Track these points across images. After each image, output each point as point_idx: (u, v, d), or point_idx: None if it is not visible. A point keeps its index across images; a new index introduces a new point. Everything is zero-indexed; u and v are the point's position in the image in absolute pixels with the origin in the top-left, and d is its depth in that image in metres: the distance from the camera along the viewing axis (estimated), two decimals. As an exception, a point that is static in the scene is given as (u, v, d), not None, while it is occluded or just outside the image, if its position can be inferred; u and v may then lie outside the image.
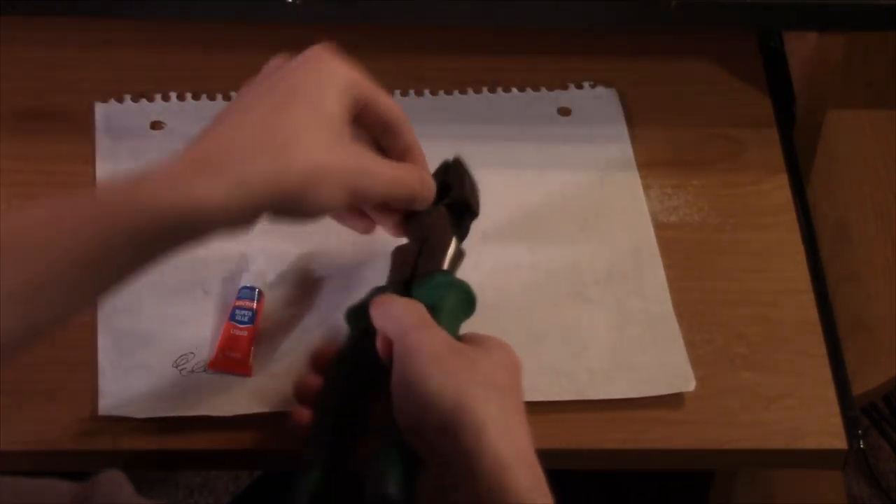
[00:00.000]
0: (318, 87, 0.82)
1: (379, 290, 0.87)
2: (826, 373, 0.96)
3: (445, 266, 0.87)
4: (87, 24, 1.11)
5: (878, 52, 1.10)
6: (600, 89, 1.11)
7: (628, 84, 1.10)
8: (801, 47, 1.10)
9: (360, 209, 0.92)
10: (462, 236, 0.90)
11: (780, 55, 1.14)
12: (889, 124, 1.25)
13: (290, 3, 1.05)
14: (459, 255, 0.89)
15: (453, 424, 0.74)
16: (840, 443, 0.93)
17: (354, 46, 1.12)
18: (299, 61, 0.85)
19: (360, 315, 0.86)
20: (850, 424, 0.93)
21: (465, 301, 0.85)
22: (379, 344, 0.82)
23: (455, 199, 0.91)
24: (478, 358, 0.78)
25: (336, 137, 0.82)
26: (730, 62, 1.13)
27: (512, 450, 0.74)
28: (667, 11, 1.04)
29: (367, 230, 0.93)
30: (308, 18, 1.06)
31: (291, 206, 0.80)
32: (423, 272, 0.87)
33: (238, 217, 0.79)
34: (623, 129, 1.08)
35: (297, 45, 1.12)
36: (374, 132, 0.87)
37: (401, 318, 0.80)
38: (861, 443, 0.93)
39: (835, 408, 0.93)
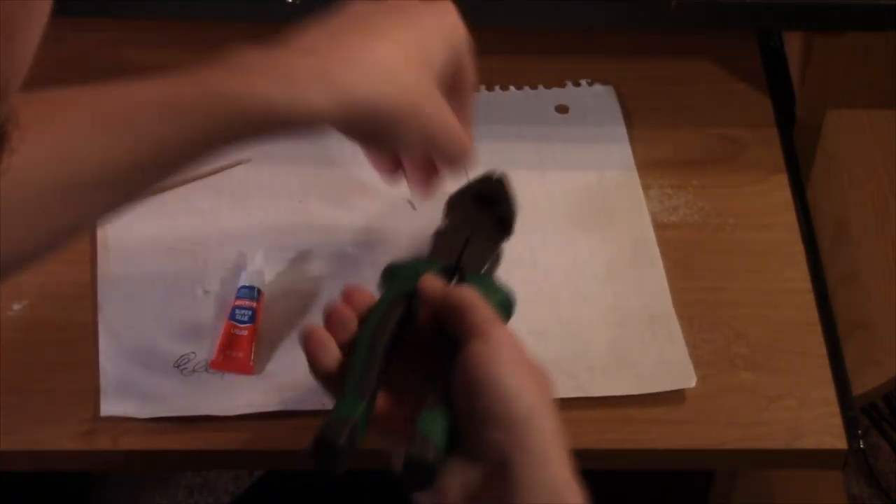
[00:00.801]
0: (435, 33, 0.86)
1: (426, 265, 0.88)
2: (826, 373, 0.96)
3: (488, 269, 0.91)
4: (87, 24, 1.11)
5: (878, 52, 1.10)
6: (598, 87, 1.11)
7: (628, 84, 1.10)
8: (801, 47, 1.10)
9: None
10: (500, 246, 0.94)
11: (780, 55, 1.14)
12: (889, 124, 1.25)
13: (290, 3, 1.05)
14: (497, 261, 0.93)
15: (524, 427, 0.75)
16: (840, 443, 0.93)
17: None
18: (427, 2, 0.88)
19: (401, 279, 0.87)
20: (850, 424, 0.93)
21: (508, 307, 0.87)
22: (423, 316, 0.83)
23: (502, 214, 0.94)
24: (539, 370, 0.79)
25: (433, 82, 0.85)
26: (730, 62, 1.13)
27: (566, 469, 0.76)
28: (667, 11, 1.04)
29: (391, 177, 0.94)
30: (308, 18, 1.06)
31: (381, 129, 0.84)
32: (469, 268, 0.89)
33: (335, 125, 0.82)
34: (621, 127, 1.08)
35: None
36: (446, 90, 0.89)
37: (482, 307, 0.80)
38: (861, 443, 0.93)
39: (835, 408, 0.93)
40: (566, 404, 0.93)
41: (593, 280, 0.99)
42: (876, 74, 1.12)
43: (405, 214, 1.02)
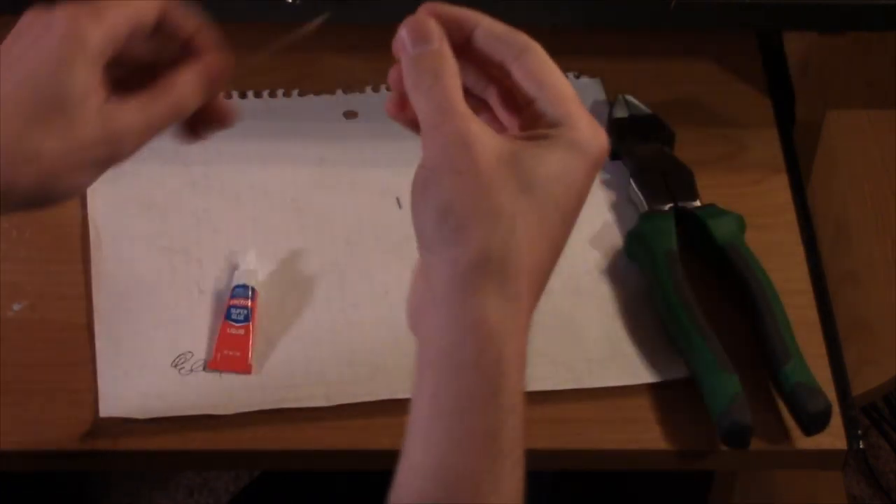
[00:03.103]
0: (45, 66, 0.74)
1: (659, 218, 1.00)
2: (826, 373, 0.96)
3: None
4: (86, 24, 1.11)
5: (878, 52, 1.10)
6: (585, 79, 1.11)
7: (627, 84, 1.10)
8: (801, 47, 1.10)
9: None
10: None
11: (780, 55, 1.14)
12: (889, 124, 1.25)
13: (290, 2, 1.05)
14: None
15: (447, 253, 0.66)
16: (840, 443, 0.93)
17: (354, 46, 1.13)
18: (21, 37, 0.76)
19: (652, 237, 0.98)
20: (850, 424, 0.93)
21: (742, 225, 0.99)
22: (391, 100, 0.71)
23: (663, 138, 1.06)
24: (526, 156, 0.67)
25: (70, 118, 0.73)
26: (730, 62, 1.13)
27: (497, 309, 0.65)
28: (666, 11, 1.04)
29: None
30: (308, 18, 1.06)
31: (32, 204, 0.75)
32: (686, 199, 1.01)
33: None
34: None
35: (297, 46, 1.12)
36: (156, 49, 0.78)
37: (433, 105, 0.67)
38: (861, 443, 0.93)
39: (835, 408, 0.93)
40: (566, 405, 0.93)
41: (586, 273, 0.99)
42: (876, 74, 1.12)
43: (394, 212, 1.02)
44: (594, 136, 0.67)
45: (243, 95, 1.09)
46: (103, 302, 0.97)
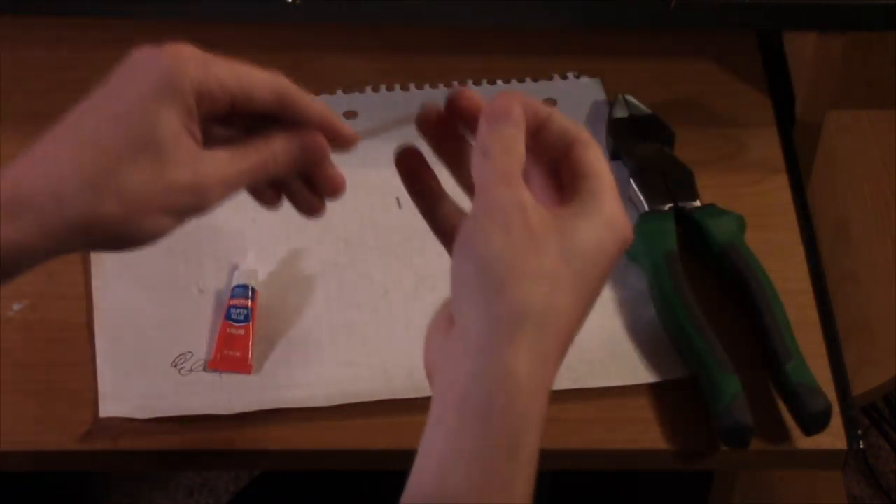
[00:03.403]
0: (142, 104, 0.75)
1: (660, 218, 1.00)
2: (826, 373, 0.96)
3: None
4: (87, 24, 1.11)
5: (878, 52, 1.10)
6: (584, 79, 1.11)
7: (627, 84, 1.10)
8: (801, 47, 1.10)
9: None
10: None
11: (780, 55, 1.14)
12: (889, 124, 1.25)
13: (290, 2, 1.05)
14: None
15: (487, 304, 0.68)
16: (840, 443, 0.93)
17: (354, 46, 1.13)
18: (125, 72, 0.78)
19: (653, 238, 0.98)
20: (850, 424, 0.93)
21: (742, 225, 0.99)
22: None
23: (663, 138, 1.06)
24: (567, 226, 0.71)
25: (161, 159, 0.75)
26: (730, 62, 1.13)
27: (527, 365, 0.68)
28: (666, 11, 1.04)
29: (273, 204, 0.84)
30: (308, 18, 1.06)
31: (112, 242, 0.76)
32: (685, 199, 1.01)
33: (50, 255, 0.75)
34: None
35: (297, 46, 1.12)
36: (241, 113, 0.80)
37: (494, 171, 0.72)
38: (861, 443, 0.93)
39: (835, 408, 0.93)
40: (566, 404, 0.93)
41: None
42: (876, 74, 1.12)
43: (393, 212, 1.02)
44: (626, 223, 0.73)
45: (243, 95, 1.09)
46: (103, 302, 0.97)
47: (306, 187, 0.81)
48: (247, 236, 1.00)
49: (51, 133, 0.77)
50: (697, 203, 1.01)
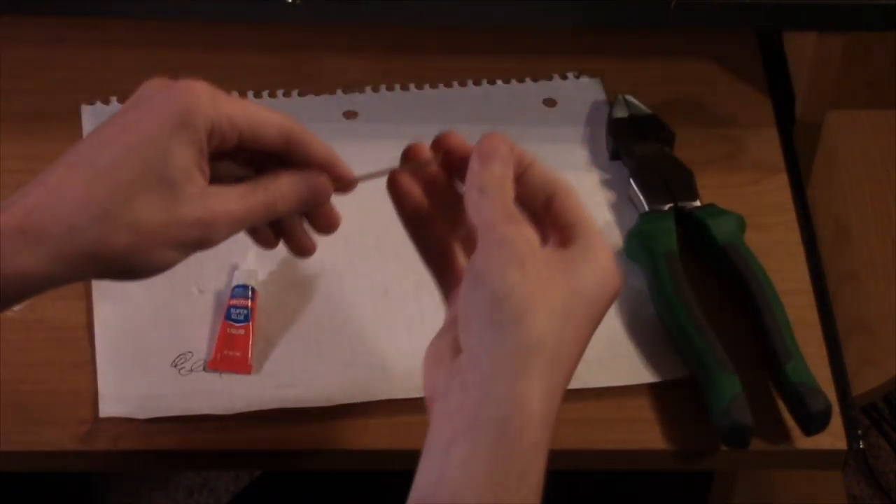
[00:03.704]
0: (155, 138, 0.77)
1: (659, 217, 1.00)
2: (826, 373, 0.96)
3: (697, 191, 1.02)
4: (86, 24, 1.11)
5: (878, 52, 1.10)
6: (584, 79, 1.11)
7: (627, 84, 1.10)
8: (801, 47, 1.10)
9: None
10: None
11: (780, 55, 1.14)
12: (889, 124, 1.25)
13: (290, 2, 1.05)
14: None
15: (501, 336, 0.71)
16: (840, 443, 0.93)
17: (354, 46, 1.13)
18: (139, 105, 0.79)
19: (653, 239, 0.98)
20: (850, 424, 0.93)
21: (742, 225, 0.99)
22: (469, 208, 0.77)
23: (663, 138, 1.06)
24: (571, 269, 0.74)
25: (172, 193, 0.76)
26: (730, 62, 1.13)
27: (540, 394, 0.71)
28: (666, 11, 1.04)
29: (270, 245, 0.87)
30: (308, 18, 1.06)
31: (121, 272, 0.78)
32: (685, 199, 1.01)
33: (61, 283, 0.77)
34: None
35: (296, 46, 1.12)
36: (250, 152, 0.82)
37: (498, 208, 0.75)
38: (861, 443, 0.93)
39: (835, 408, 0.93)
40: (565, 398, 0.93)
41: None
42: (876, 74, 1.12)
43: (394, 212, 1.02)
44: (619, 274, 0.76)
45: (243, 95, 1.09)
46: (103, 302, 0.97)
47: (301, 224, 0.84)
48: (247, 236, 1.00)
49: (63, 161, 0.78)
50: (697, 203, 1.01)
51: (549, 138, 1.08)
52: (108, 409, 0.92)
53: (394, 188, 0.82)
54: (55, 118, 1.07)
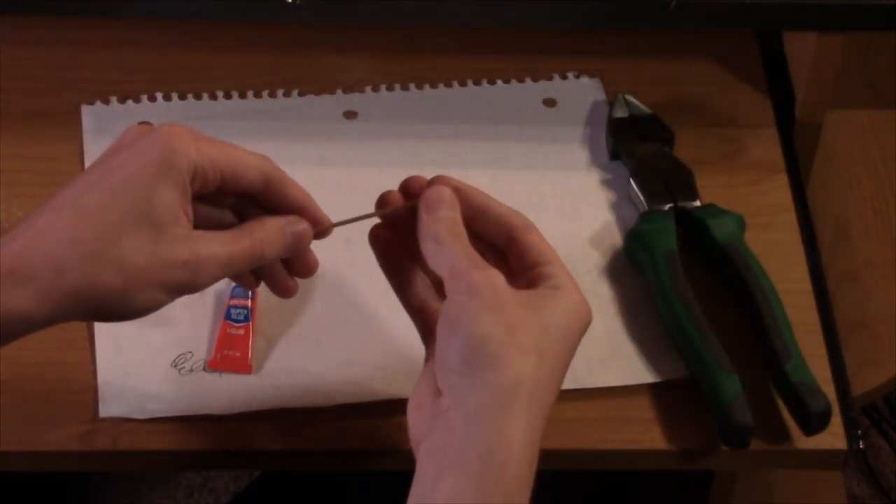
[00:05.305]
0: (140, 180, 0.77)
1: (659, 217, 1.00)
2: (826, 373, 0.96)
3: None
4: (87, 23, 1.11)
5: (878, 52, 1.10)
6: (584, 79, 1.11)
7: (627, 84, 1.10)
8: (801, 47, 1.10)
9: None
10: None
11: (780, 55, 1.14)
12: (889, 124, 1.25)
13: (289, 2, 1.05)
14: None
15: (483, 378, 0.74)
16: (840, 443, 0.93)
17: (354, 46, 1.13)
18: (123, 149, 0.80)
19: (652, 238, 0.98)
20: (850, 424, 0.93)
21: (742, 225, 0.99)
22: (427, 252, 0.80)
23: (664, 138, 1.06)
24: (540, 306, 0.77)
25: (158, 234, 0.77)
26: (730, 62, 1.13)
27: (522, 430, 0.74)
28: (666, 11, 1.04)
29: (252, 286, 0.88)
30: (308, 18, 1.06)
31: (108, 313, 0.79)
32: (685, 199, 1.01)
33: (45, 324, 0.78)
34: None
35: (296, 46, 1.12)
36: (235, 195, 0.83)
37: (459, 255, 0.78)
38: (861, 443, 0.93)
39: (835, 408, 0.93)
40: (565, 405, 0.93)
41: (586, 273, 0.99)
42: (876, 74, 1.12)
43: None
44: (587, 308, 0.79)
45: (243, 95, 1.09)
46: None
47: (280, 266, 0.85)
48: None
49: (50, 205, 0.78)
50: (697, 203, 1.01)
51: (549, 138, 1.08)
52: (108, 409, 0.92)
53: (376, 242, 0.85)
54: (55, 118, 1.07)
